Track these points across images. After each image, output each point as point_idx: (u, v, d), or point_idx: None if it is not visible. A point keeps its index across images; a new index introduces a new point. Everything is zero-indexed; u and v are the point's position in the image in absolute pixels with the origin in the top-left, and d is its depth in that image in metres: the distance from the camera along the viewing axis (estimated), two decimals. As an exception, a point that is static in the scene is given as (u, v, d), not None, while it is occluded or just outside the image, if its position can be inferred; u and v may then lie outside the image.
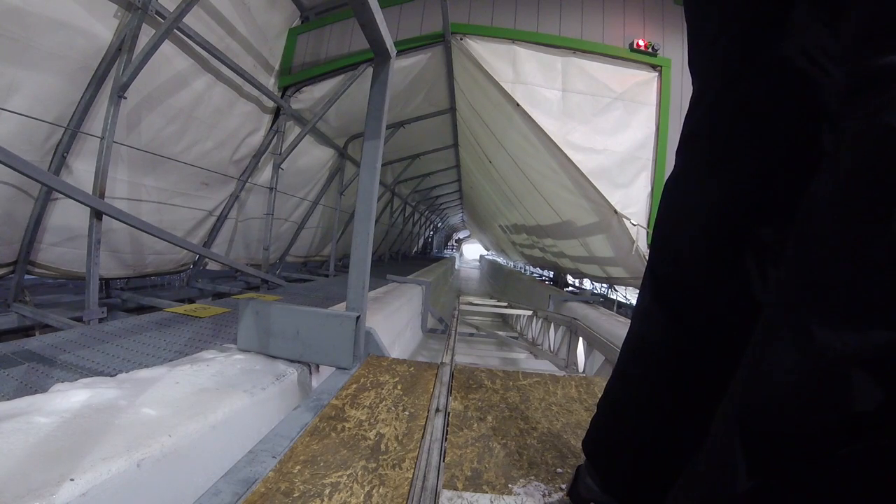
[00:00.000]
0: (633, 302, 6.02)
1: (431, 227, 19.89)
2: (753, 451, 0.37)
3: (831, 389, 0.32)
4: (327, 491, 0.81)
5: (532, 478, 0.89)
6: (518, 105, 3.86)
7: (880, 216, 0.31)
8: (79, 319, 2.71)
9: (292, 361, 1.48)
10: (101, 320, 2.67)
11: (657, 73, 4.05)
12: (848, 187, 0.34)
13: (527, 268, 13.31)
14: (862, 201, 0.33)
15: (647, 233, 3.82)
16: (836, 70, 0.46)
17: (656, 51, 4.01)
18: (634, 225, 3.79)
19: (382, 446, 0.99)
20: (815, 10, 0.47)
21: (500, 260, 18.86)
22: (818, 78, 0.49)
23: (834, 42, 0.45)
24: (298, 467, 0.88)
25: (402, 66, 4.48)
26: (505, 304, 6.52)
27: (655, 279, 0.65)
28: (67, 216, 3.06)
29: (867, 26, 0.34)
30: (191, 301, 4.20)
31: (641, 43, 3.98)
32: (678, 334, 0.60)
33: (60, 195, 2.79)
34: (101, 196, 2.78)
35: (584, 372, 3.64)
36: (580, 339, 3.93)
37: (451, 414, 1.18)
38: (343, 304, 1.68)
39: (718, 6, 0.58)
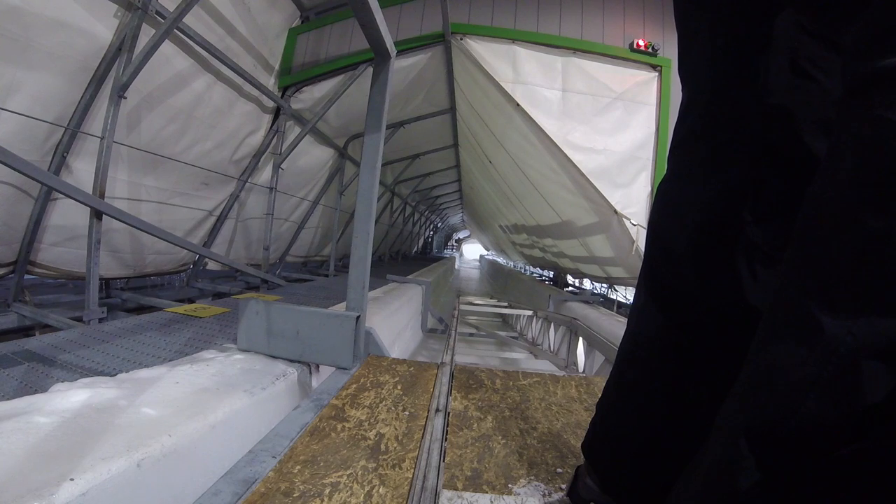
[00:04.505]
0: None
1: (431, 227, 19.89)
2: (759, 449, 0.37)
3: (843, 381, 0.32)
4: (327, 491, 0.81)
5: (532, 478, 0.89)
6: (518, 105, 3.86)
7: (886, 208, 0.32)
8: (79, 319, 2.71)
9: (292, 361, 1.48)
10: (101, 320, 2.67)
11: (657, 73, 4.05)
12: (850, 183, 0.35)
13: (527, 268, 13.30)
14: (866, 196, 0.33)
15: (647, 233, 3.82)
16: (826, 78, 0.50)
17: (656, 51, 4.00)
18: (634, 225, 3.78)
19: (382, 446, 0.99)
20: (803, 22, 0.49)
21: (500, 260, 18.85)
22: (806, 86, 0.51)
23: (823, 51, 0.49)
24: (298, 467, 0.88)
25: (402, 66, 4.47)
26: (505, 304, 6.51)
27: (650, 279, 0.66)
28: (67, 216, 3.06)
29: (868, 32, 0.35)
30: (191, 301, 4.20)
31: (641, 43, 3.98)
32: (673, 333, 0.60)
33: (60, 195, 2.79)
34: (101, 196, 2.78)
35: (584, 372, 3.64)
36: (580, 339, 3.92)
37: (451, 414, 1.18)
38: (343, 304, 1.68)
39: (707, 17, 0.59)
